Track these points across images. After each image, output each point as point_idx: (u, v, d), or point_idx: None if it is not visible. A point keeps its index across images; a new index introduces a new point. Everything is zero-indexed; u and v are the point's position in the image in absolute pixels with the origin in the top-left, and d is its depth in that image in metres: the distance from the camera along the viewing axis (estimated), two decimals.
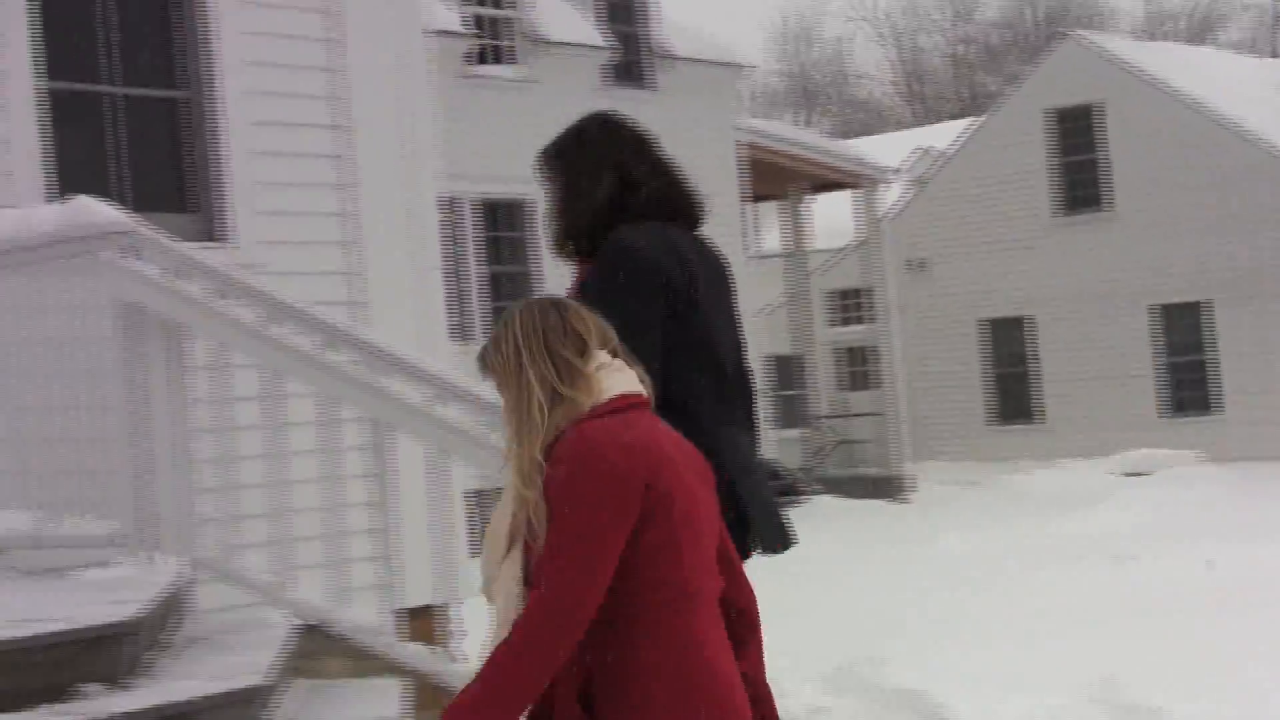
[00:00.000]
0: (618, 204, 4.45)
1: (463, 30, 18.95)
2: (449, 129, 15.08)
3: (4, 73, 6.72)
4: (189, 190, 7.47)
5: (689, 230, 4.56)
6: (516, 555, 3.58)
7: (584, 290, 4.33)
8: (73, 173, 6.92)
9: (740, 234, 22.49)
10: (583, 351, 3.61)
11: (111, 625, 4.82)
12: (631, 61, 21.43)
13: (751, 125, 24.06)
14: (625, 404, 3.59)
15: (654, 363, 3.98)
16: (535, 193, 20.39)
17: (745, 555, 4.21)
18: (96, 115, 7.28)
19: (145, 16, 7.47)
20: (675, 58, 21.76)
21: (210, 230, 7.37)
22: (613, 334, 3.70)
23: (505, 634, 3.46)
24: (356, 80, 7.78)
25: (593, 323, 3.66)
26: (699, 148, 21.42)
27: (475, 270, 19.29)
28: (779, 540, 4.46)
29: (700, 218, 4.61)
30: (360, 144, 7.77)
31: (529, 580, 3.51)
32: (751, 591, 3.81)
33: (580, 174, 4.49)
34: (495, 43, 20.15)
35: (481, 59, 19.78)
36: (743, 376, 4.59)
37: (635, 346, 3.84)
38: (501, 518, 3.61)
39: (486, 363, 3.66)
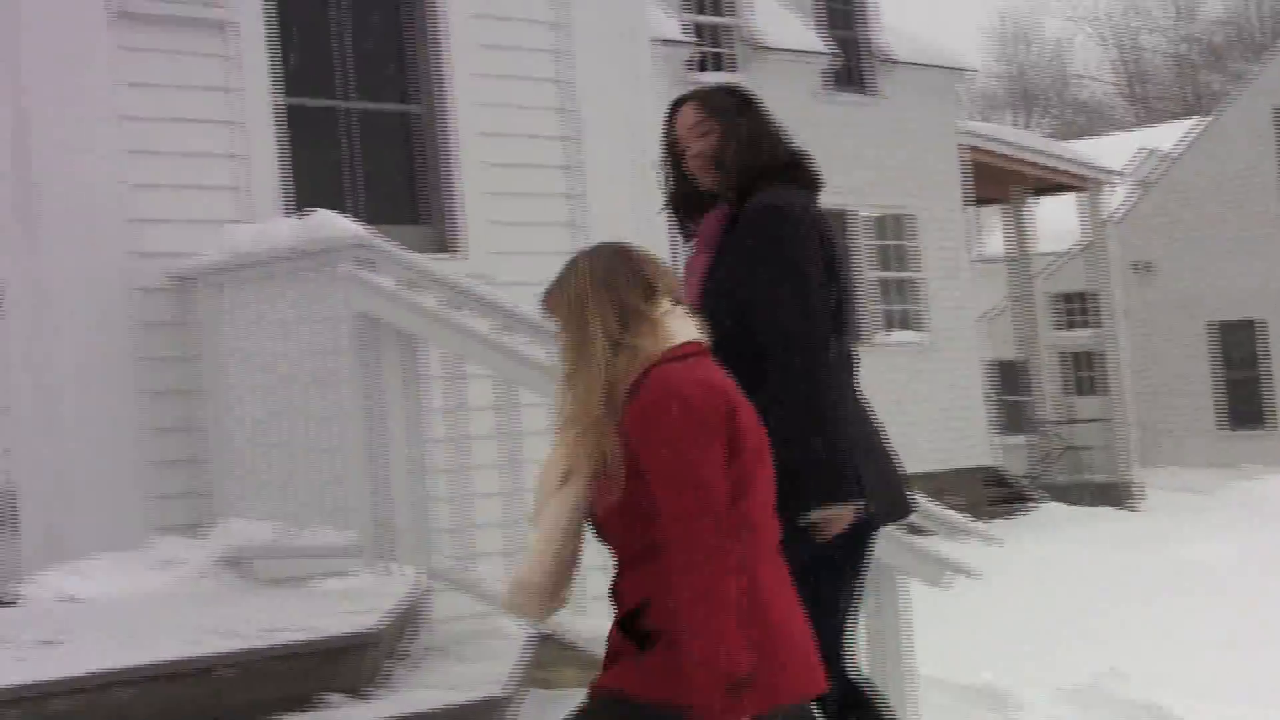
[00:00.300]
0: (778, 167, 4.44)
1: (683, 38, 18.95)
2: None
3: (242, 90, 6.84)
4: (421, 202, 7.55)
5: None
6: (572, 491, 3.63)
7: (729, 245, 4.36)
8: (309, 186, 7.04)
9: (963, 237, 22.19)
10: (649, 297, 3.65)
11: (352, 636, 4.86)
12: (851, 66, 21.24)
13: (973, 128, 23.71)
14: (691, 351, 3.64)
15: (825, 316, 4.18)
16: None
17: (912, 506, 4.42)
18: (331, 130, 7.40)
19: (379, 33, 7.58)
20: (895, 62, 21.52)
21: (442, 241, 7.44)
22: (677, 281, 3.74)
23: (538, 559, 3.61)
24: (585, 91, 7.80)
25: (659, 269, 3.69)
26: (920, 152, 21.24)
27: None
28: (892, 509, 4.45)
29: (820, 189, 4.57)
30: (589, 154, 7.79)
31: (595, 521, 3.60)
32: None
33: (760, 134, 4.47)
34: (715, 50, 20.13)
35: (701, 66, 19.77)
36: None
37: (807, 302, 4.11)
38: (558, 453, 3.65)
39: (550, 303, 3.67)
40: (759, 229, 4.30)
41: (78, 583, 5.97)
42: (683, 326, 3.67)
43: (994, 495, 21.43)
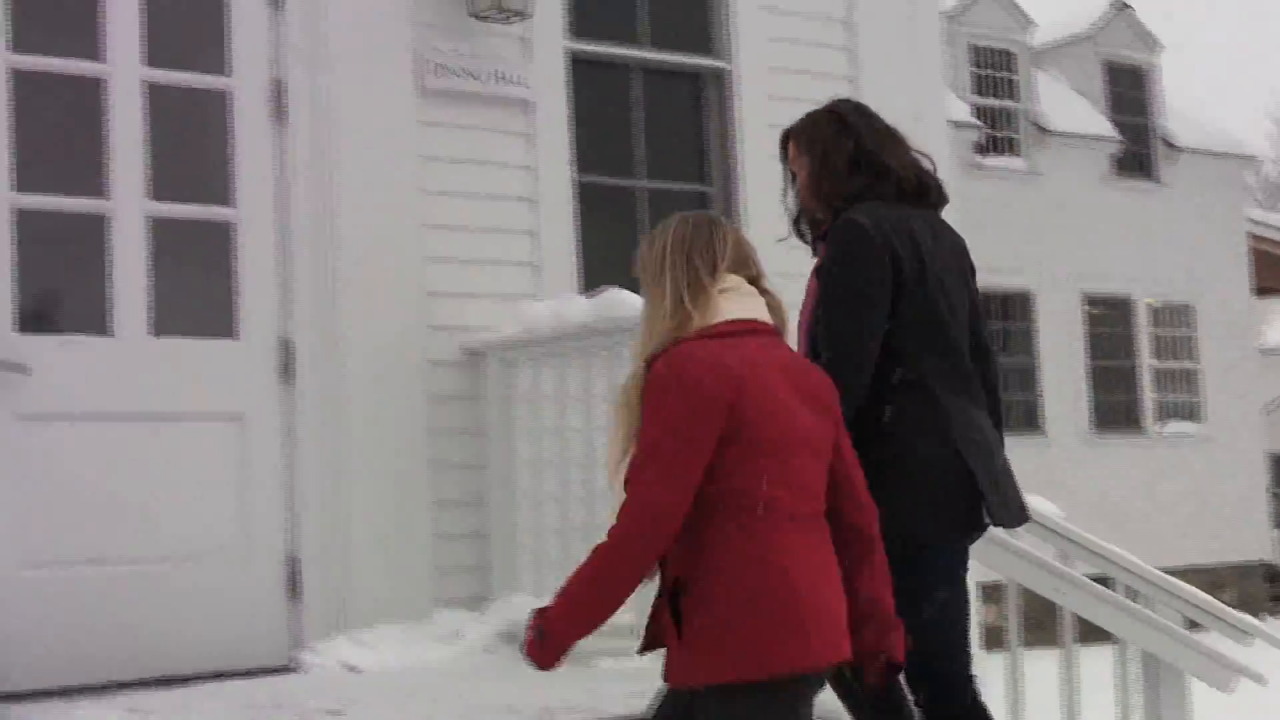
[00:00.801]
0: (869, 188, 4.48)
1: (971, 121, 18.82)
2: (956, 221, 14.92)
3: (535, 168, 6.92)
4: None
5: (929, 210, 4.58)
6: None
7: (821, 271, 4.45)
8: (601, 264, 7.06)
9: (1247, 328, 21.60)
10: (713, 272, 3.78)
11: (628, 719, 4.81)
12: (1137, 153, 20.87)
13: (1259, 217, 23.13)
14: (737, 328, 3.74)
15: (875, 337, 4.26)
16: (1041, 285, 20.24)
17: (979, 525, 4.41)
18: (625, 208, 7.45)
19: (675, 115, 7.64)
20: (1181, 149, 21.10)
21: None
22: (756, 259, 3.86)
23: None
24: None
25: (732, 243, 3.84)
26: (1204, 240, 20.74)
27: None
28: (1008, 513, 4.45)
29: (941, 203, 4.63)
30: None
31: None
32: (872, 512, 3.89)
33: (835, 156, 4.52)
34: (1001, 134, 19.98)
35: (989, 149, 19.62)
36: (981, 354, 4.56)
37: (859, 321, 4.24)
38: (621, 421, 3.77)
39: (640, 256, 3.87)
40: (829, 250, 4.44)
41: (360, 652, 6.03)
42: (738, 305, 3.78)
43: (1273, 592, 20.76)
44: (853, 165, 4.49)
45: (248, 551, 6.19)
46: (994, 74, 20.20)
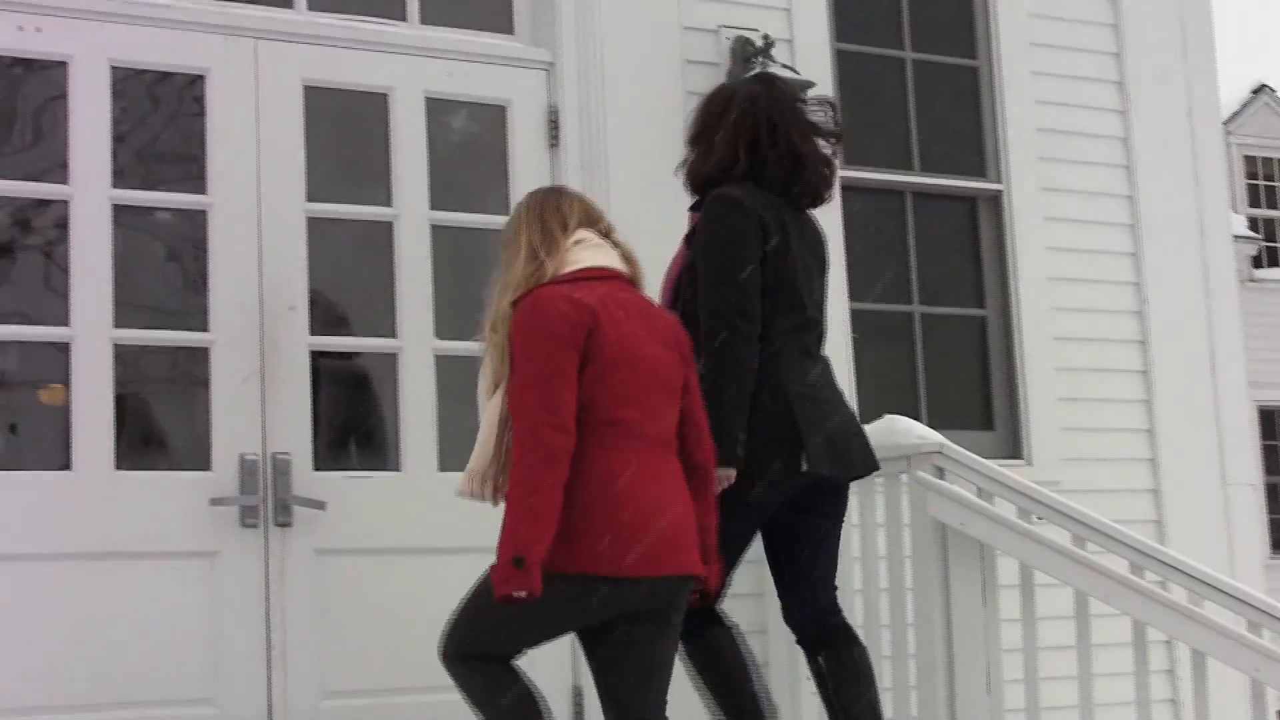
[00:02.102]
0: (742, 172, 5.03)
1: (1248, 234, 18.44)
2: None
3: None
4: (990, 407, 7.50)
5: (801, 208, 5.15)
6: (499, 397, 4.35)
7: (694, 237, 4.99)
8: (876, 391, 7.06)
9: None
10: (564, 226, 4.49)
11: None
12: None
13: None
14: (589, 274, 4.42)
15: (752, 297, 4.82)
16: None
17: (800, 470, 4.91)
18: (900, 334, 7.45)
19: (948, 239, 7.65)
20: None
21: (1010, 447, 7.35)
22: (601, 215, 4.62)
23: (482, 450, 4.40)
24: (1157, 293, 7.69)
25: (579, 205, 4.60)
26: None
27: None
28: (828, 461, 4.98)
29: (816, 203, 5.21)
30: (1159, 364, 7.66)
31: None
32: (711, 449, 4.57)
33: (720, 138, 5.08)
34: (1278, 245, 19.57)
35: (1266, 262, 19.21)
36: (821, 326, 5.19)
37: (734, 282, 4.81)
38: (487, 360, 4.42)
39: (503, 231, 4.62)
40: (702, 222, 4.99)
41: None
42: (588, 255, 4.47)
43: None
44: (734, 150, 5.06)
45: None
46: (1267, 183, 19.76)
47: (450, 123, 6.64)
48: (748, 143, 5.06)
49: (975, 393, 7.53)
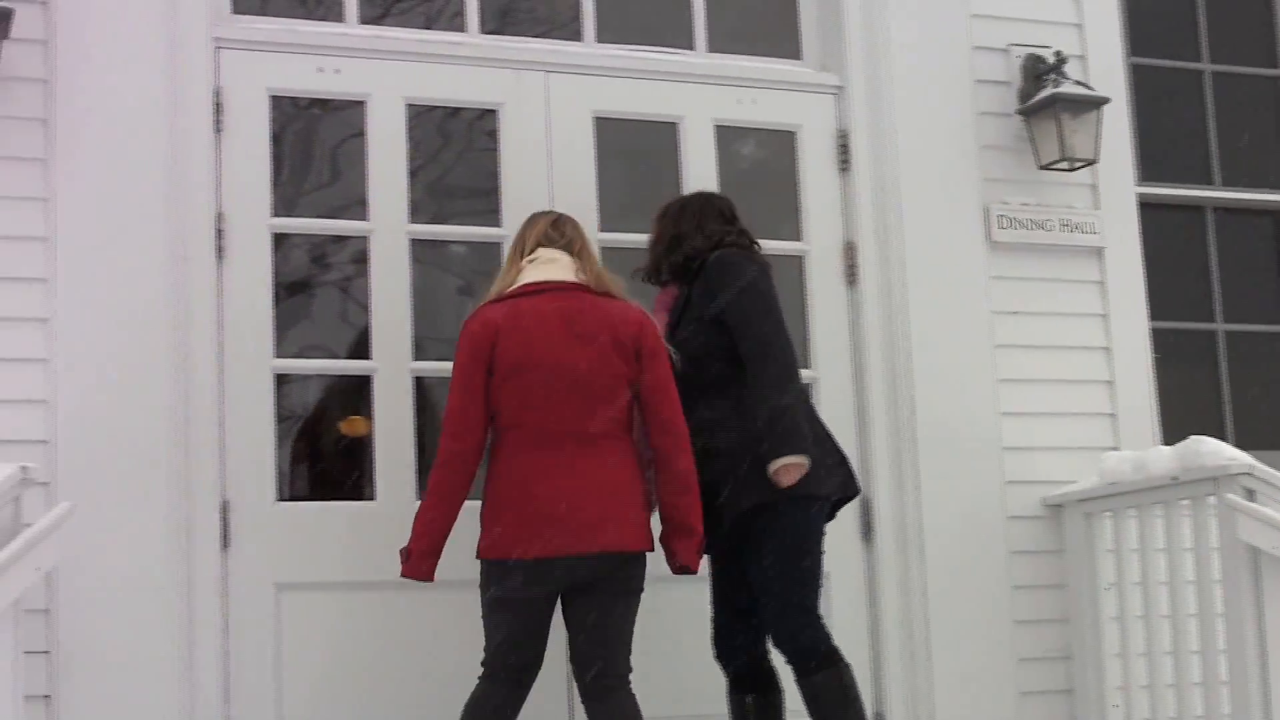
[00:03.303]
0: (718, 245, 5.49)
1: None
2: None
3: (1108, 316, 6.82)
4: None
5: None
6: None
7: (694, 295, 5.41)
8: (1179, 411, 6.93)
9: None
10: (520, 251, 5.12)
11: None
12: None
13: None
14: (527, 290, 4.98)
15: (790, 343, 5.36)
16: None
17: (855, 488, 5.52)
18: (1203, 353, 7.28)
19: (1252, 254, 7.47)
20: None
21: None
22: (568, 235, 5.14)
23: None
24: None
25: (531, 232, 5.16)
26: None
27: None
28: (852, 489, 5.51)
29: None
30: None
31: None
32: (673, 436, 4.97)
33: (682, 227, 5.55)
34: None
35: None
36: None
37: (784, 330, 5.33)
38: None
39: None
40: (727, 272, 5.37)
41: None
42: (532, 271, 5.02)
43: None
44: (680, 240, 5.57)
45: None
46: None
47: (739, 150, 6.65)
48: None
49: None
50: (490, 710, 4.91)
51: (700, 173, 6.37)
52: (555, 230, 5.14)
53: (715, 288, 5.34)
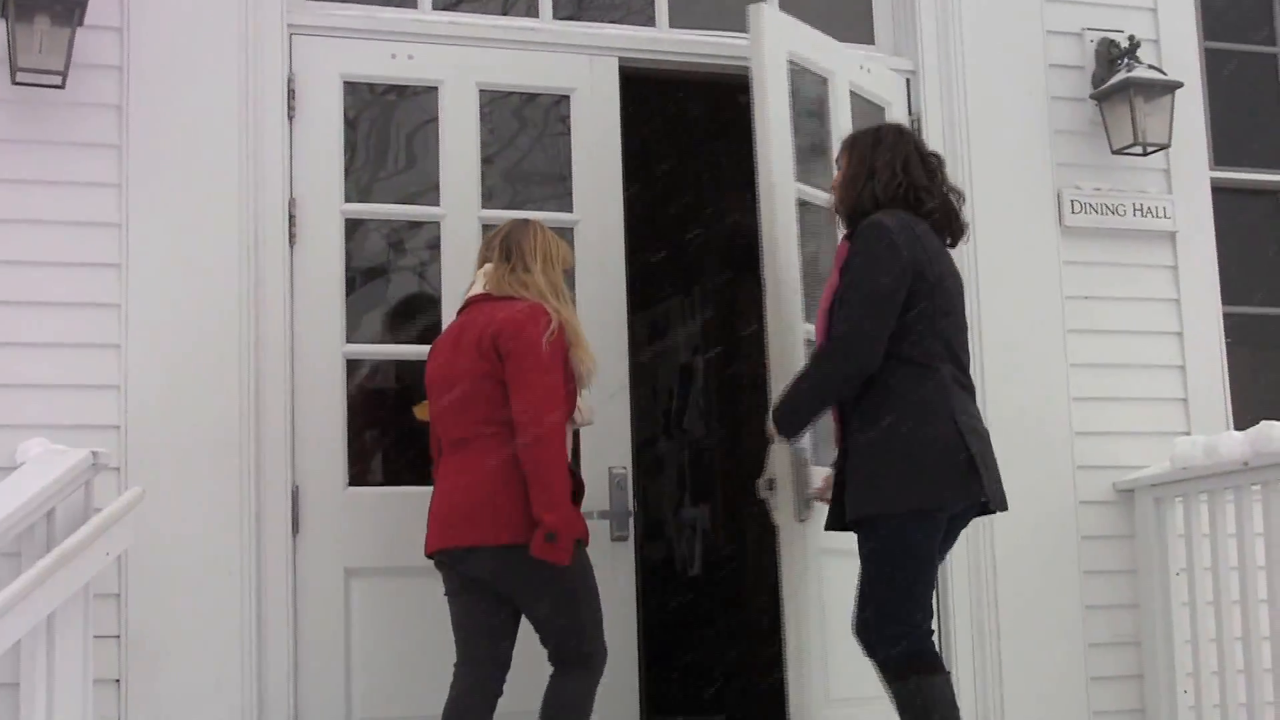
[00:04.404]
0: (900, 200, 5.00)
1: None
2: None
3: (1180, 300, 6.80)
4: None
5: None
6: None
7: (846, 264, 4.93)
8: (1250, 396, 6.88)
9: None
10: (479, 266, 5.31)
11: None
12: None
13: None
14: (463, 306, 5.27)
15: (885, 321, 4.79)
16: None
17: (980, 506, 4.95)
18: (1274, 337, 7.26)
19: None
20: None
21: None
22: (524, 247, 5.22)
23: None
24: None
25: (498, 241, 5.27)
26: None
27: None
28: (996, 495, 4.97)
29: (957, 236, 5.20)
30: None
31: None
32: (522, 428, 4.91)
33: (875, 164, 5.05)
34: None
35: None
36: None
37: (871, 307, 4.80)
38: None
39: None
40: (854, 246, 4.95)
41: None
42: (471, 288, 5.27)
43: None
44: (866, 177, 5.06)
45: None
46: None
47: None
48: (903, 166, 5.07)
49: None
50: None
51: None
52: (484, 246, 5.34)
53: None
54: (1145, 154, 6.70)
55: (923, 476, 4.81)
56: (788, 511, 5.41)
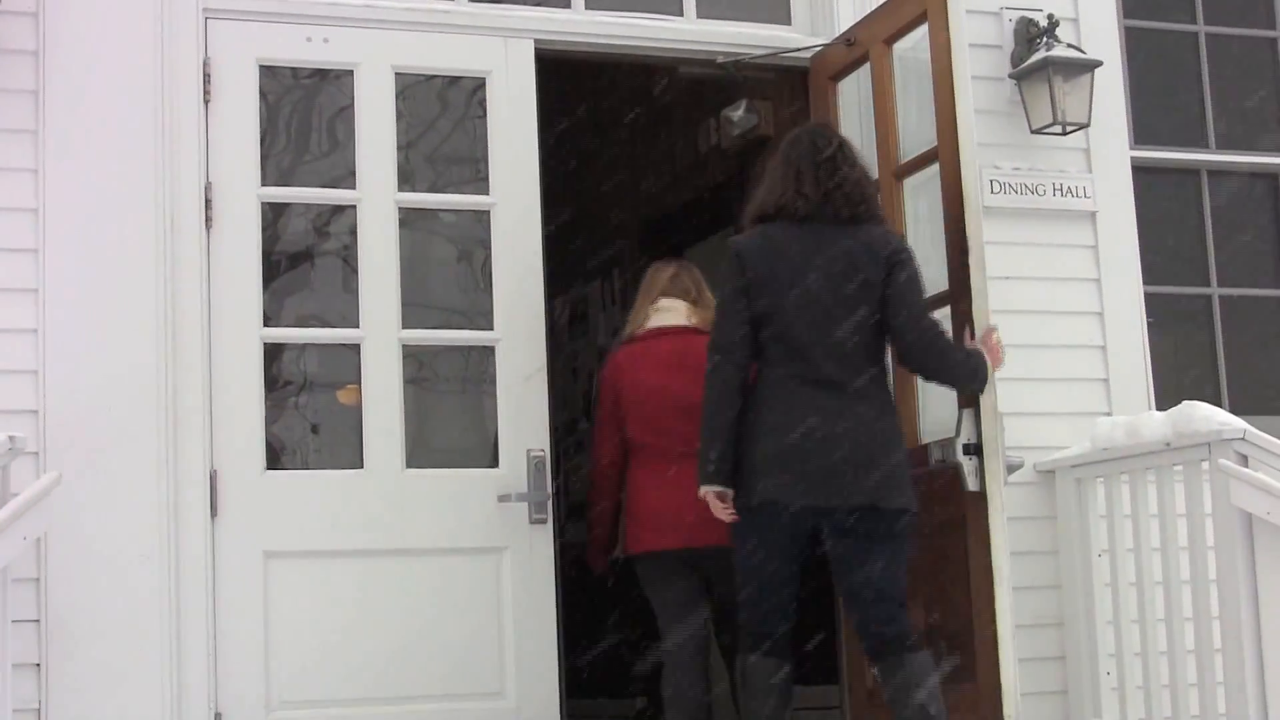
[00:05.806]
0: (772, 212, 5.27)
1: None
2: None
3: (1100, 280, 6.82)
4: None
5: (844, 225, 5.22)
6: None
7: None
8: (1171, 376, 6.93)
9: None
10: (647, 297, 5.93)
11: None
12: None
13: None
14: (650, 334, 5.85)
15: (737, 328, 5.13)
16: None
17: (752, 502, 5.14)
18: (1197, 318, 7.27)
19: (1247, 218, 7.43)
20: None
21: None
22: (694, 288, 5.91)
23: None
24: None
25: (657, 282, 5.94)
26: None
27: None
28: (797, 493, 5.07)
29: (857, 222, 5.23)
30: None
31: None
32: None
33: (758, 181, 5.41)
34: None
35: None
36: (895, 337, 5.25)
37: (721, 318, 5.21)
38: None
39: None
40: None
41: None
42: (659, 317, 5.86)
43: None
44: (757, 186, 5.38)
45: None
46: None
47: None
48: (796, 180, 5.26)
49: (1273, 380, 7.26)
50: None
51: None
52: (674, 283, 5.91)
53: None
54: (1065, 133, 6.71)
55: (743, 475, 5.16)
56: (999, 477, 5.54)
